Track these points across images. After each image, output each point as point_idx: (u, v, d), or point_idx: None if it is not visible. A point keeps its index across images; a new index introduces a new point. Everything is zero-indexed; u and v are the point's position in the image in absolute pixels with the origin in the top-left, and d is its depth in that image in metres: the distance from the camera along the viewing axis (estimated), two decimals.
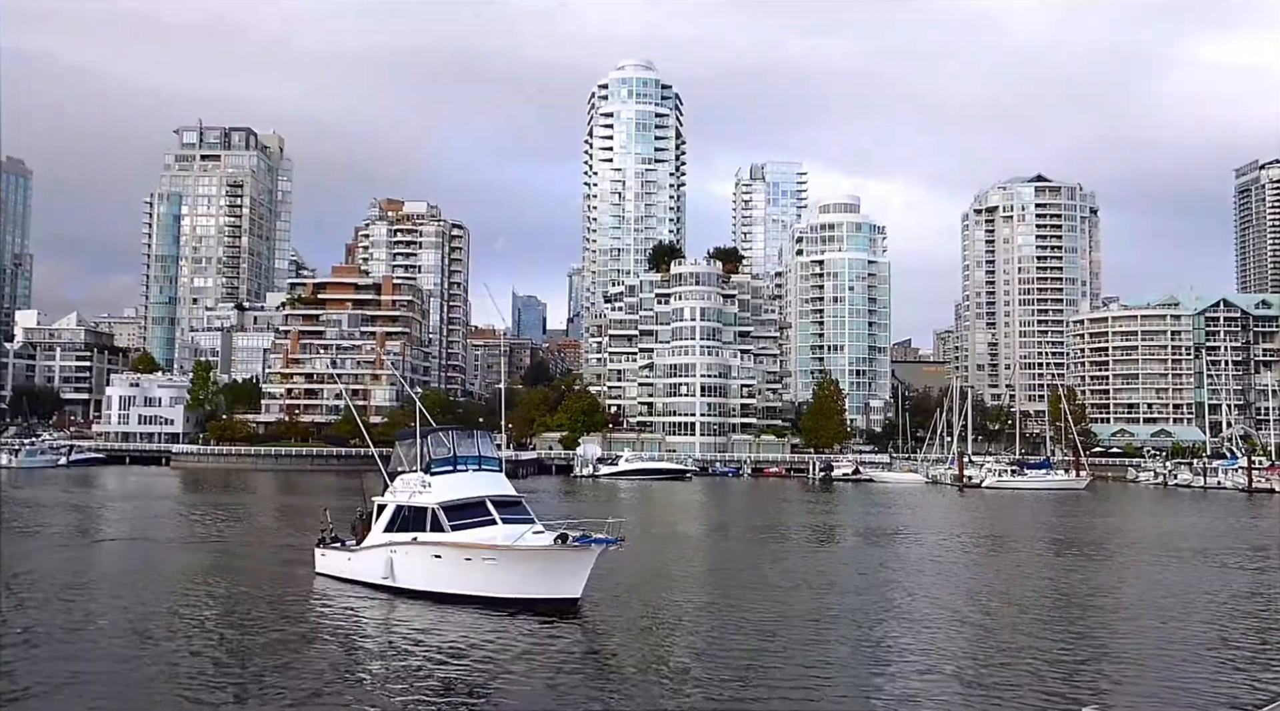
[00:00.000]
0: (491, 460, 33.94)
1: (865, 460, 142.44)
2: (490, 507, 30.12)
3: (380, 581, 30.78)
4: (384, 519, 32.35)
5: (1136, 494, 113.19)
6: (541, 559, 27.84)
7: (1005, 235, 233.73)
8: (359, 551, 32.89)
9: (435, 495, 30.67)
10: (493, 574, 28.21)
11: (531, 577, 27.79)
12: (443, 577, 29.15)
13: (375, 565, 31.25)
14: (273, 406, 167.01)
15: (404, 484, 32.44)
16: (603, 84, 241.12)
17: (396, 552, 30.69)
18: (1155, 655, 23.86)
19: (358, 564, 32.57)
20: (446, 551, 29.22)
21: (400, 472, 33.35)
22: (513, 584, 27.91)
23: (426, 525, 30.16)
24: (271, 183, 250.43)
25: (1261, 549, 50.65)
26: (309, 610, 29.24)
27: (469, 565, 28.62)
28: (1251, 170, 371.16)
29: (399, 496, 32.24)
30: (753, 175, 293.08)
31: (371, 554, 31.89)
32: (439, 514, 29.95)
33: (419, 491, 31.31)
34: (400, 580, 30.37)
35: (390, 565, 30.60)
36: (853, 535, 56.46)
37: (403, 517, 31.32)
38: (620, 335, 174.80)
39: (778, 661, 22.65)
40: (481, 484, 31.58)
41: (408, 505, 31.41)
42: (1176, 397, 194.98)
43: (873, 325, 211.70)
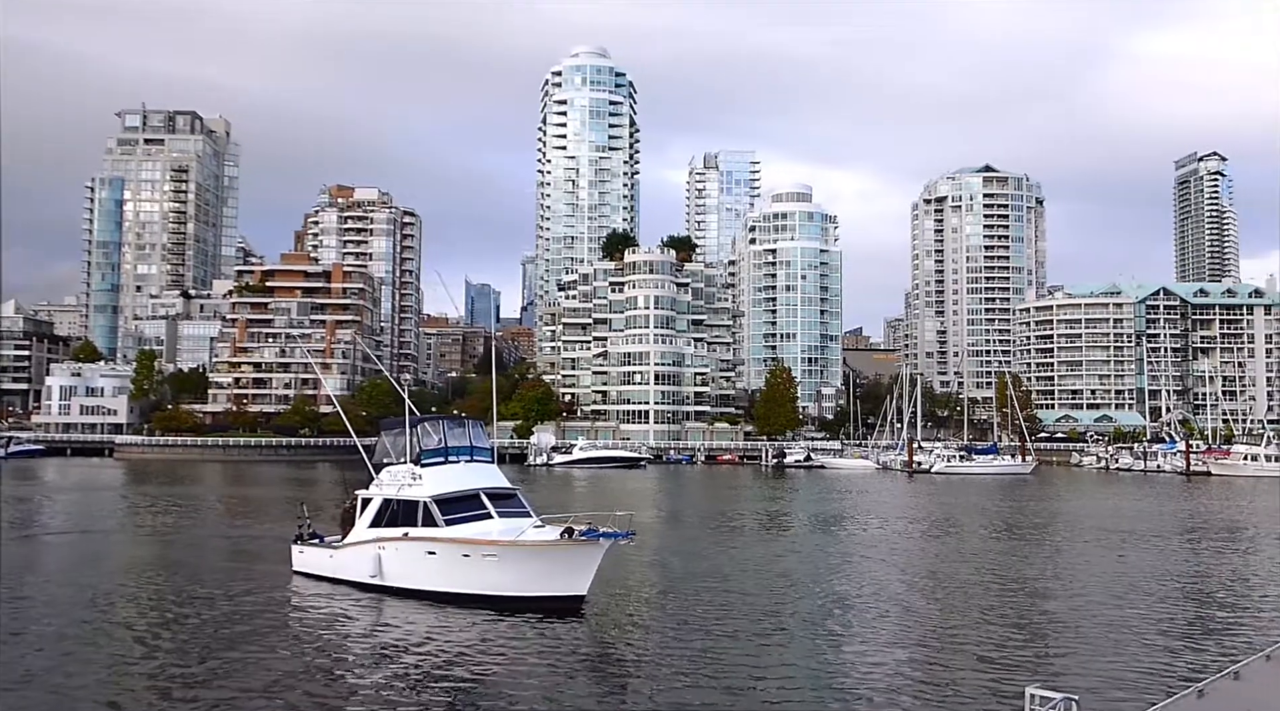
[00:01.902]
0: (484, 451, 32.41)
1: (817, 447, 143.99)
2: (485, 501, 28.85)
3: (367, 580, 29.19)
4: (369, 513, 30.74)
5: (1080, 478, 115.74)
6: (547, 555, 26.46)
7: (954, 225, 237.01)
8: (342, 548, 31.20)
9: (427, 488, 29.17)
10: (494, 571, 26.82)
11: (536, 574, 26.49)
12: (438, 575, 27.72)
13: (361, 563, 29.53)
14: (220, 396, 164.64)
15: (391, 476, 30.86)
16: (556, 71, 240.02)
17: (385, 549, 29.06)
18: (1098, 634, 24.56)
19: (341, 561, 30.75)
20: (442, 547, 27.76)
21: (387, 464, 31.83)
22: (515, 581, 26.60)
23: (418, 520, 28.69)
24: (218, 168, 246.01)
25: (1197, 530, 52.17)
26: (288, 612, 27.60)
27: (467, 562, 27.21)
28: (1190, 162, 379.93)
29: (386, 489, 30.61)
30: (706, 164, 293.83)
31: (357, 551, 30.14)
32: (432, 508, 28.49)
33: (409, 484, 29.81)
34: (389, 578, 28.81)
35: (378, 562, 28.99)
36: (805, 522, 57.15)
37: (391, 512, 29.79)
38: (574, 323, 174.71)
39: (730, 652, 22.92)
40: (475, 476, 30.28)
41: (397, 499, 29.83)
42: (1118, 384, 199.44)
43: (824, 314, 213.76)
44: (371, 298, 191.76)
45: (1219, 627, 26.01)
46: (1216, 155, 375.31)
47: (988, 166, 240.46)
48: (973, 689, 19.57)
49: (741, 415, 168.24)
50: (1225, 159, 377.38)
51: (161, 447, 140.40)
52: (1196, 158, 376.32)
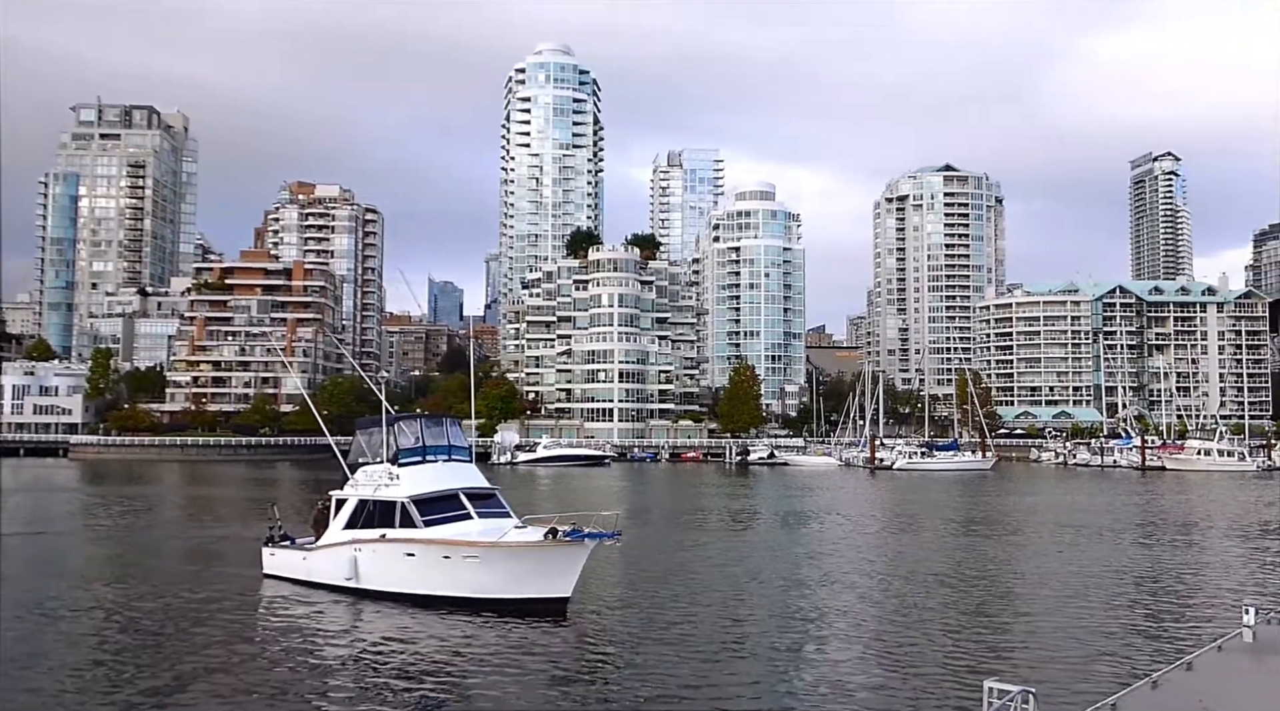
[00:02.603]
0: (462, 450, 31.84)
1: (780, 444, 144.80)
2: (464, 501, 28.25)
3: (343, 583, 28.34)
4: (344, 515, 29.90)
5: (1039, 473, 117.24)
6: (531, 556, 25.88)
7: (915, 223, 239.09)
8: (316, 550, 30.34)
9: (405, 488, 28.46)
10: (476, 572, 26.19)
11: (519, 576, 25.90)
12: (417, 578, 27.01)
13: (336, 565, 28.72)
14: (178, 395, 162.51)
15: (367, 476, 30.10)
16: (520, 68, 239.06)
17: (362, 551, 28.26)
18: (1055, 628, 24.93)
19: (315, 564, 29.95)
20: (421, 549, 27.05)
21: (362, 464, 31.05)
22: (498, 583, 26.00)
23: (395, 521, 27.97)
24: (176, 163, 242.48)
25: (1152, 525, 53.09)
26: (260, 616, 26.74)
27: (448, 563, 26.52)
28: (1145, 162, 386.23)
29: (362, 490, 29.83)
30: (670, 162, 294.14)
31: (332, 553, 29.30)
32: (410, 508, 27.75)
33: (386, 484, 29.09)
34: (366, 581, 28.03)
35: (354, 564, 28.21)
36: (769, 519, 57.44)
37: (367, 513, 29.00)
38: (538, 321, 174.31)
39: (690, 648, 23.02)
40: (453, 475, 29.62)
41: (373, 499, 29.04)
42: (1076, 380, 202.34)
43: (788, 311, 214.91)
44: (333, 296, 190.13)
45: (1172, 620, 26.50)
46: (1171, 155, 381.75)
47: (948, 166, 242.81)
48: (933, 682, 19.80)
49: (705, 413, 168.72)
50: (1179, 159, 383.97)
51: (118, 447, 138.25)
52: (1151, 158, 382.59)
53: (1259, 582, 32.65)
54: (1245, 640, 17.54)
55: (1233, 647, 17.20)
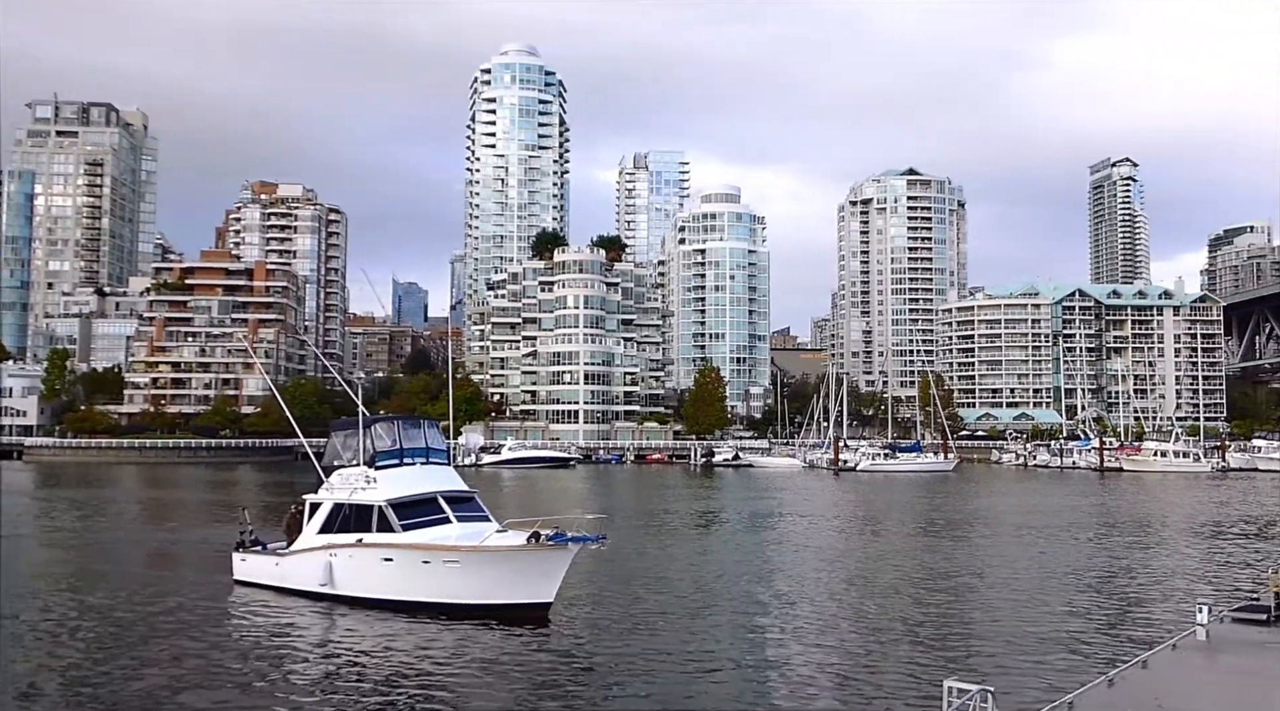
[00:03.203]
0: (440, 452, 31.13)
1: (745, 446, 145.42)
2: (443, 504, 27.69)
3: (317, 589, 27.60)
4: (319, 519, 29.17)
5: (999, 474, 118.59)
6: (513, 560, 25.33)
7: (879, 226, 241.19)
8: (289, 555, 29.54)
9: (382, 491, 27.79)
10: (456, 578, 25.55)
11: (501, 581, 25.34)
12: (395, 583, 26.34)
13: (311, 571, 27.97)
14: (136, 396, 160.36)
15: (343, 479, 29.37)
16: (485, 68, 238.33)
17: (337, 556, 27.54)
18: (1014, 627, 25.23)
19: (289, 569, 29.11)
20: (400, 554, 26.35)
21: (338, 467, 30.28)
22: (479, 588, 25.41)
23: (373, 525, 27.32)
24: (135, 162, 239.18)
25: (1109, 525, 53.87)
26: (232, 624, 25.80)
27: (427, 568, 25.87)
28: (1104, 167, 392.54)
29: (338, 493, 29.10)
30: (636, 164, 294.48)
31: (306, 558, 28.57)
32: (387, 512, 27.13)
33: (362, 487, 28.40)
34: (342, 587, 27.29)
35: (329, 570, 27.47)
36: (735, 520, 57.66)
37: (343, 517, 28.32)
38: (503, 323, 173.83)
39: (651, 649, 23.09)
40: (432, 478, 29.02)
41: (349, 503, 28.36)
42: (1036, 382, 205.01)
43: (753, 314, 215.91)
44: (296, 296, 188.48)
45: (1128, 619, 26.92)
46: (1129, 161, 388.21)
47: (911, 169, 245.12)
48: (893, 682, 19.98)
49: (671, 414, 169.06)
50: (1137, 165, 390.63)
51: (75, 450, 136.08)
52: (1110, 163, 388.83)
53: (1212, 582, 33.25)
54: (1199, 638, 17.87)
55: (1187, 646, 17.52)
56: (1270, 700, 14.09)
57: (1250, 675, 15.61)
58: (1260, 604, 20.44)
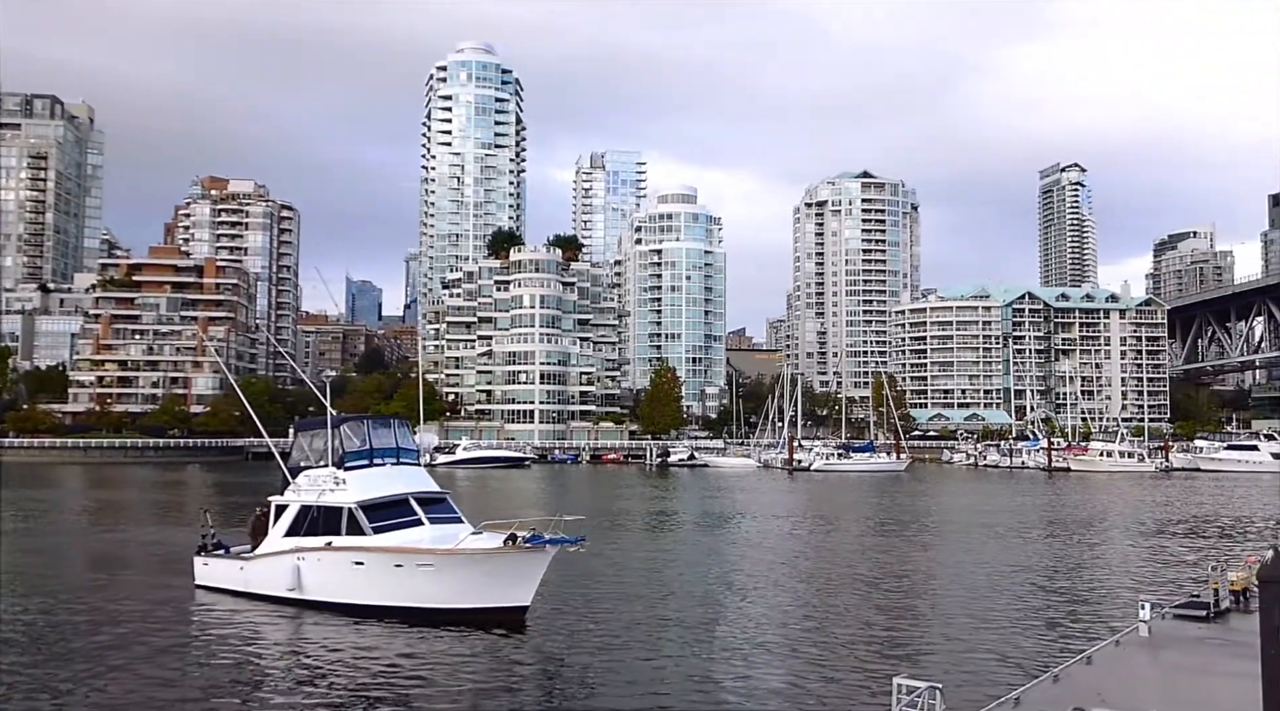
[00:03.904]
0: (410, 453, 30.58)
1: (700, 446, 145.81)
2: (415, 506, 27.07)
3: (284, 594, 26.81)
4: (285, 521, 28.40)
5: (950, 474, 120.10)
6: (489, 563, 24.73)
7: (834, 228, 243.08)
8: (254, 559, 28.71)
9: (351, 493, 27.07)
10: (429, 581, 24.94)
11: (476, 585, 24.73)
12: (366, 587, 25.65)
13: (277, 575, 27.13)
14: (81, 395, 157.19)
15: (310, 481, 28.59)
16: (441, 66, 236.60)
17: (305, 560, 26.76)
18: (962, 625, 25.59)
19: (254, 574, 28.28)
20: (371, 557, 25.66)
21: (305, 468, 29.48)
22: (453, 592, 24.82)
23: (342, 527, 26.61)
24: (80, 155, 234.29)
25: (1055, 524, 54.81)
26: (194, 630, 24.86)
27: (399, 572, 25.21)
28: (1053, 172, 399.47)
29: (305, 495, 28.34)
30: (593, 163, 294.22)
31: (272, 562, 27.73)
32: (358, 514, 26.41)
33: (331, 489, 27.66)
34: (310, 592, 26.55)
35: (297, 574, 26.68)
36: (690, 520, 57.81)
37: (311, 519, 27.60)
38: (458, 322, 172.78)
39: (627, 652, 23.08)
40: (403, 479, 28.35)
41: (317, 505, 27.61)
42: (987, 383, 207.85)
43: (709, 314, 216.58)
44: (247, 294, 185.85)
45: (1073, 616, 27.41)
46: (1077, 166, 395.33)
47: (866, 172, 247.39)
48: (844, 680, 20.17)
49: (626, 414, 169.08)
50: (1085, 170, 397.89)
51: (16, 450, 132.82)
52: (1059, 168, 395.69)
53: (1154, 579, 33.95)
54: (1141, 634, 18.25)
55: (1129, 641, 17.89)
56: (1210, 694, 14.41)
57: (1191, 670, 15.96)
58: (1201, 601, 20.90)
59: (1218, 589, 20.95)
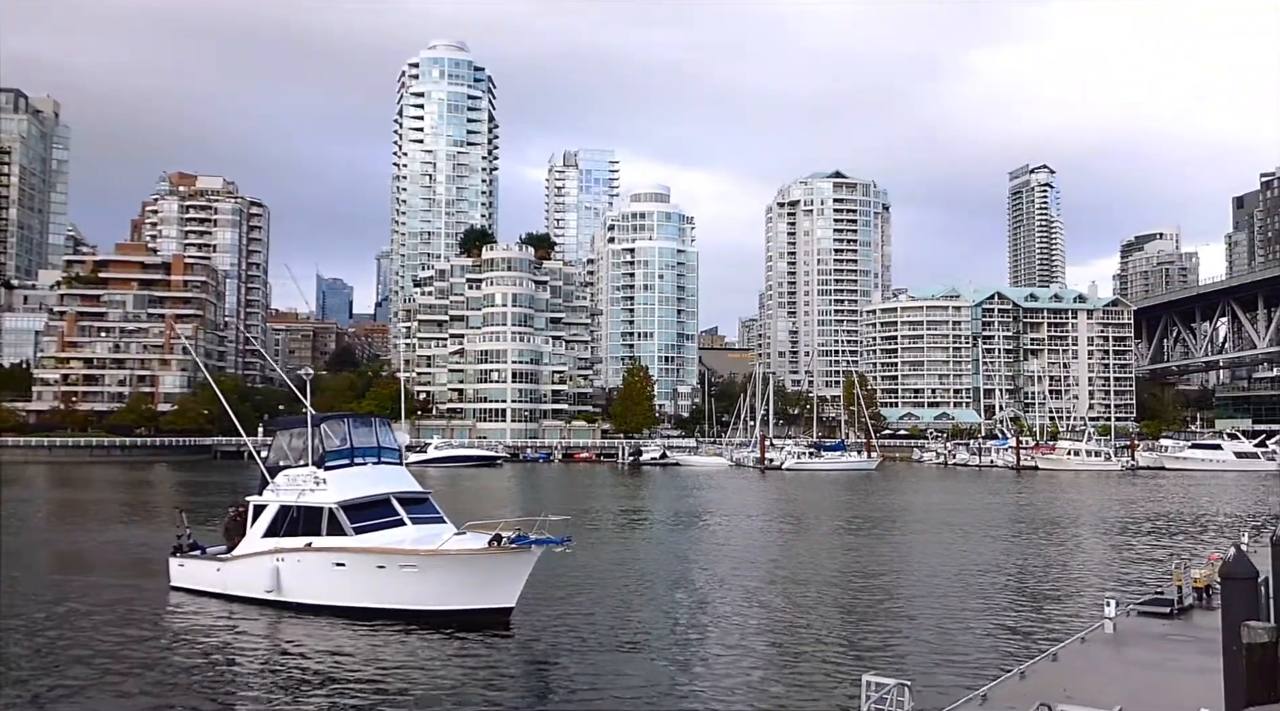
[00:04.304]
0: (392, 452, 30.18)
1: (673, 445, 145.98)
2: (397, 506, 26.76)
3: (263, 595, 26.40)
4: (264, 521, 27.96)
5: (921, 473, 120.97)
6: (474, 564, 24.40)
7: (806, 228, 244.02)
8: (232, 560, 28.27)
9: (332, 493, 26.67)
10: (412, 583, 24.59)
11: (460, 586, 24.39)
12: (347, 589, 25.27)
13: (256, 576, 26.70)
14: (46, 393, 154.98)
15: (289, 480, 28.14)
16: (413, 63, 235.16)
17: (284, 561, 26.36)
18: (930, 622, 25.83)
19: (231, 575, 27.82)
20: (352, 558, 25.29)
21: (284, 467, 29.01)
22: (438, 594, 24.47)
23: (323, 528, 26.24)
24: (45, 150, 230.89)
25: (1023, 522, 55.40)
26: (170, 633, 24.31)
27: (382, 573, 24.85)
28: (1023, 174, 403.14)
29: (284, 495, 27.88)
30: (566, 162, 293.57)
31: (250, 563, 27.30)
32: (339, 515, 26.03)
33: (311, 489, 27.23)
34: (290, 593, 26.17)
35: (276, 576, 26.29)
36: (662, 519, 57.89)
37: (290, 520, 27.18)
38: (430, 320, 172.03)
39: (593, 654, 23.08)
40: (384, 479, 28.03)
41: (297, 505, 27.20)
42: (957, 383, 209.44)
43: (681, 313, 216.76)
44: (215, 291, 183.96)
45: (1040, 613, 27.74)
46: (1046, 168, 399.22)
47: (838, 172, 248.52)
48: (814, 677, 20.31)
49: (599, 413, 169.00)
50: (1054, 172, 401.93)
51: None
52: (1029, 170, 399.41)
53: (1119, 576, 34.40)
54: (1106, 631, 18.53)
55: (1094, 638, 18.15)
56: (1173, 689, 14.65)
57: (1154, 666, 16.21)
58: (1164, 598, 21.24)
59: (1181, 586, 21.29)
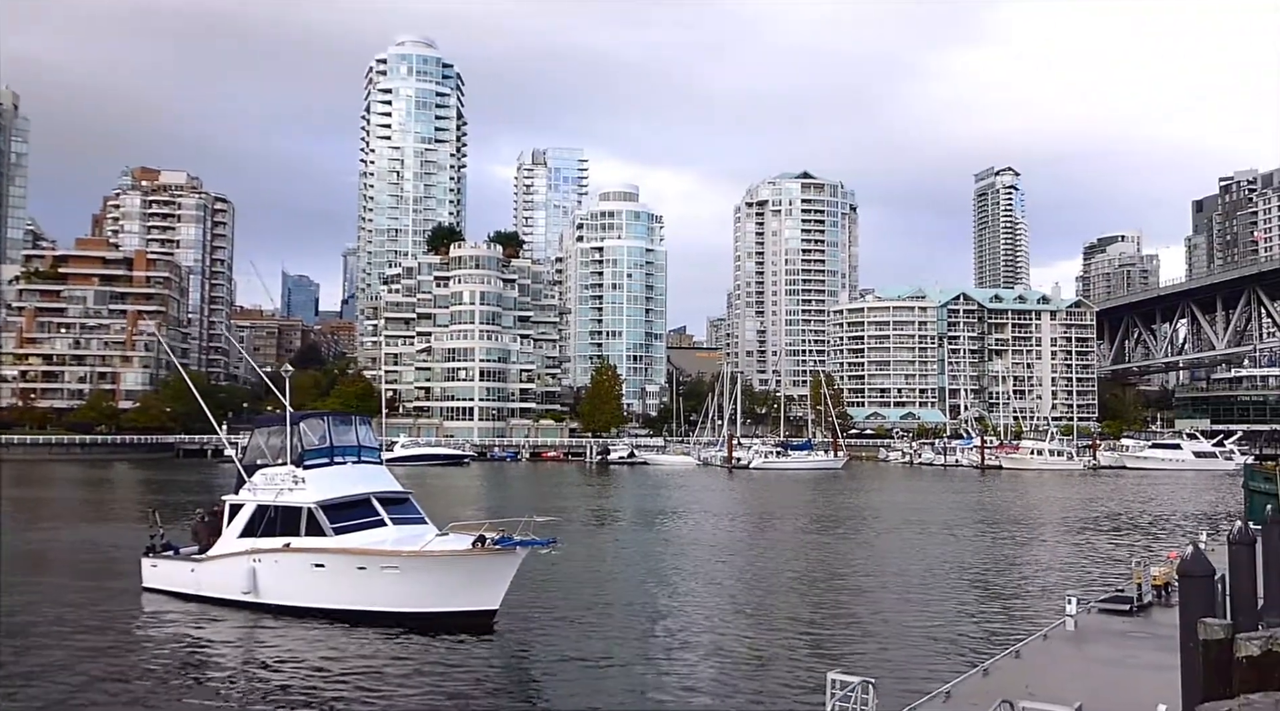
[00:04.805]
0: (372, 450, 29.79)
1: (641, 444, 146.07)
2: (377, 506, 26.39)
3: (239, 597, 25.97)
4: (240, 521, 27.50)
5: (887, 472, 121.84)
6: (457, 566, 23.99)
7: (774, 228, 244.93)
8: (207, 561, 27.75)
9: (311, 492, 26.28)
10: (394, 585, 24.18)
11: (443, 588, 23.99)
12: (327, 591, 24.87)
13: (232, 577, 26.27)
14: (4, 390, 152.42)
15: (267, 479, 27.68)
16: (381, 59, 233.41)
17: (262, 562, 25.93)
18: (896, 620, 26.06)
19: (206, 576, 27.36)
20: (332, 559, 24.90)
21: (261, 466, 28.51)
22: (419, 596, 24.06)
23: (301, 528, 25.83)
24: (4, 143, 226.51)
25: (987, 521, 55.99)
26: (143, 636, 23.83)
27: (362, 575, 24.44)
28: (988, 176, 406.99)
29: (261, 494, 27.46)
30: (535, 160, 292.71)
31: (226, 563, 26.84)
32: (318, 514, 25.64)
33: (289, 488, 26.82)
34: (267, 595, 25.73)
35: (253, 577, 25.89)
36: (630, 518, 57.92)
37: (268, 519, 26.74)
38: (397, 318, 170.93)
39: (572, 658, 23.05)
40: (364, 478, 27.63)
41: (274, 505, 26.77)
42: (922, 383, 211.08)
43: (650, 312, 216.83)
44: (179, 287, 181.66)
45: (1003, 611, 28.06)
46: (1010, 170, 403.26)
47: (805, 173, 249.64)
48: (780, 675, 20.41)
49: (567, 412, 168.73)
50: (1019, 174, 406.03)
51: None
52: (994, 172, 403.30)
53: (1080, 574, 34.86)
54: (1068, 628, 18.77)
55: (1056, 636, 18.38)
56: (1132, 685, 14.86)
57: (1114, 663, 16.45)
58: (1124, 595, 21.57)
59: (1140, 584, 21.63)
